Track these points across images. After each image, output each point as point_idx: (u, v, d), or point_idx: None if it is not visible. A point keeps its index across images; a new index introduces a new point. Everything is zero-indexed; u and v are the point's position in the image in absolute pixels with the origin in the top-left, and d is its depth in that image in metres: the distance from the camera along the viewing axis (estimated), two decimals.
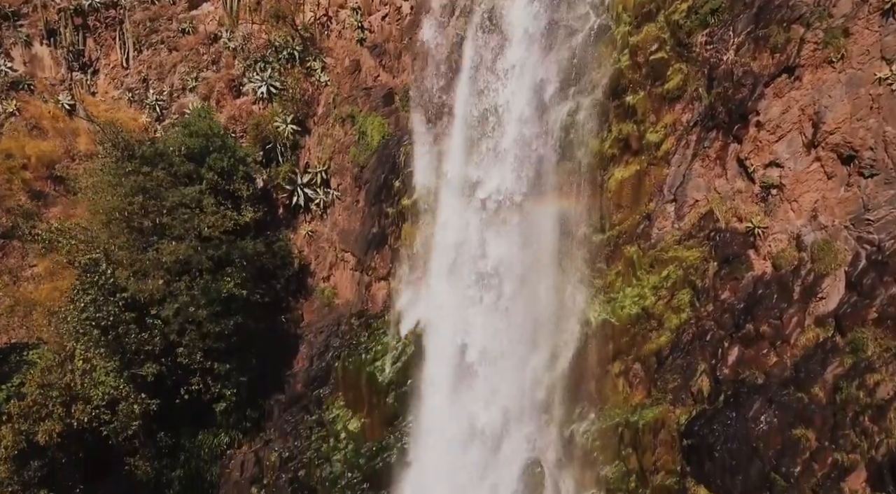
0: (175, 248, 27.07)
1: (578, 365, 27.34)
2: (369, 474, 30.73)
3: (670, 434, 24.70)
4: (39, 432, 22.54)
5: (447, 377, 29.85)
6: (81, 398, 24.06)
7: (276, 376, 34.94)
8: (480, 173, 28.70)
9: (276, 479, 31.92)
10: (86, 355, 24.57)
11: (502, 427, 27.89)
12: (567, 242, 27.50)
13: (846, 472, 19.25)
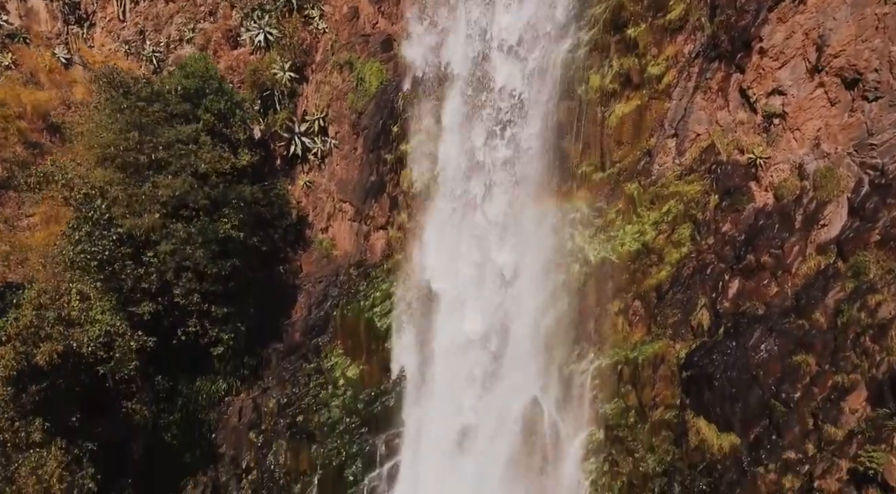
0: (171, 182, 26.80)
1: (578, 305, 27.28)
2: (368, 418, 30.71)
3: (670, 369, 24.60)
4: (39, 354, 22.42)
5: (446, 322, 29.80)
6: (78, 325, 23.92)
7: (274, 325, 34.83)
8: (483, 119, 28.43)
9: (274, 425, 31.88)
10: (82, 288, 24.40)
11: (503, 368, 27.79)
12: (566, 182, 27.30)
13: (846, 392, 19.12)
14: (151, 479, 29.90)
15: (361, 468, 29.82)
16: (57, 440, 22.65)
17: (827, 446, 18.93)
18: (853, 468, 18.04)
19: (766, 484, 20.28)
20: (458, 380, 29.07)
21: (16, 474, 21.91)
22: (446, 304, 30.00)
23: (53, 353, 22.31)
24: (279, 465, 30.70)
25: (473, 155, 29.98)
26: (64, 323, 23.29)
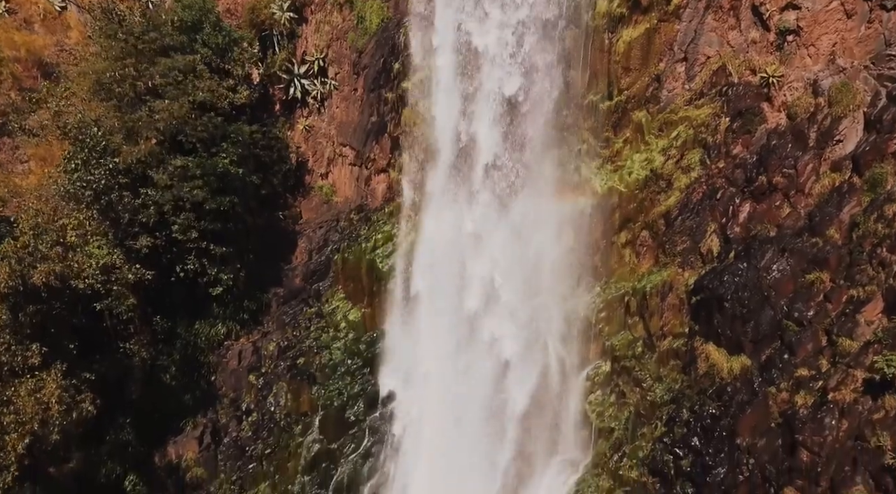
0: (168, 107, 26.07)
1: (583, 239, 26.75)
2: (370, 359, 30.31)
3: (678, 297, 24.12)
4: (35, 274, 21.85)
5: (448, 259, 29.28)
6: (74, 250, 23.31)
7: (274, 270, 34.29)
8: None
9: (275, 367, 31.45)
10: (78, 217, 23.79)
11: (504, 304, 27.29)
12: (573, 112, 26.64)
13: (862, 304, 18.63)
14: (150, 419, 29.51)
15: (363, 408, 29.48)
16: (56, 363, 22.20)
17: (841, 359, 18.47)
18: (869, 378, 17.59)
19: (777, 404, 19.86)
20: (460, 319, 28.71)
21: (14, 396, 21.51)
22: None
23: (50, 274, 21.79)
24: (279, 406, 30.30)
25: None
26: (61, 247, 22.74)
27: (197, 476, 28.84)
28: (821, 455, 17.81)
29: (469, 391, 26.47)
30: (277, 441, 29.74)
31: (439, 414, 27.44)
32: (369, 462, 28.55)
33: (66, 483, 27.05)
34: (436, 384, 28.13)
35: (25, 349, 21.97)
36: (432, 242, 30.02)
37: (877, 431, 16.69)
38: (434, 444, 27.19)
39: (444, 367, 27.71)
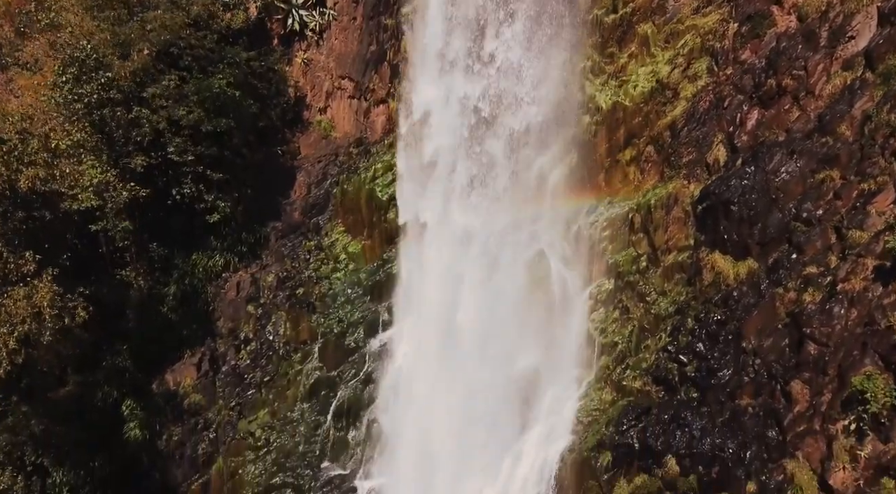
0: (160, 17, 25.48)
1: (587, 159, 26.30)
2: (371, 288, 29.97)
3: (683, 210, 23.69)
4: (22, 178, 21.42)
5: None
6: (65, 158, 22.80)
7: (273, 205, 33.85)
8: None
9: (273, 297, 31.14)
10: (67, 128, 23.26)
11: (505, 224, 26.88)
12: (576, 29, 26.07)
13: (873, 196, 18.21)
14: (148, 348, 29.26)
15: (363, 335, 29.20)
16: (49, 269, 21.79)
17: (851, 250, 18.11)
18: (879, 264, 17.21)
19: (784, 304, 19.49)
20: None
21: (6, 300, 21.13)
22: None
23: (36, 180, 21.33)
24: (278, 335, 30.00)
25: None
26: (50, 153, 22.27)
27: (195, 402, 28.62)
28: (828, 345, 17.49)
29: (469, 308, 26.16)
30: (276, 368, 29.53)
31: (441, 339, 27.12)
32: (370, 387, 28.32)
33: (64, 407, 26.86)
34: (437, 308, 27.79)
35: (19, 257, 21.60)
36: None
37: (887, 313, 16.36)
38: (436, 369, 26.87)
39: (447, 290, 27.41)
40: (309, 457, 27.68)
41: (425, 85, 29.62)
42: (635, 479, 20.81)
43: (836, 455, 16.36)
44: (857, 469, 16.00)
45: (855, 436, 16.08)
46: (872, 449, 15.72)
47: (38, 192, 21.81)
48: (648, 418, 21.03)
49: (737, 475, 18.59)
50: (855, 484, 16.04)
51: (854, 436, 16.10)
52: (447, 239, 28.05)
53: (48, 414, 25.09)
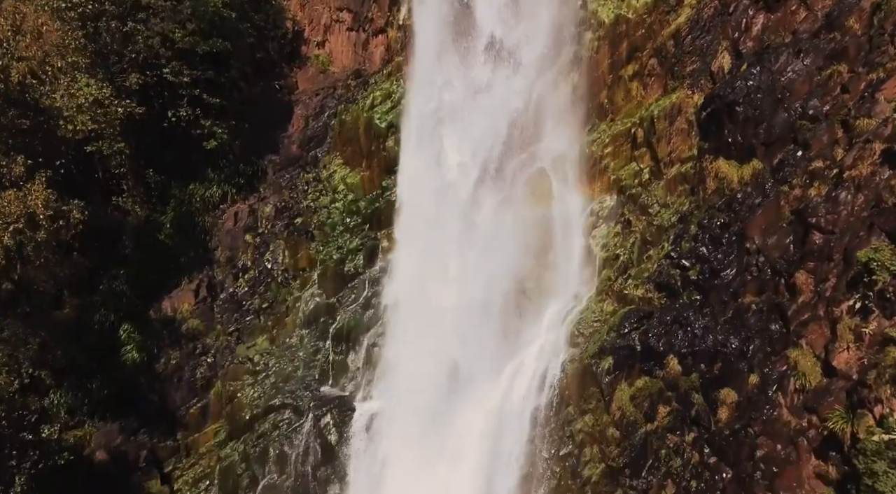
0: None
1: (589, 77, 25.94)
2: (369, 216, 29.68)
3: (686, 120, 23.37)
4: (13, 70, 20.96)
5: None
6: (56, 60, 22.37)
7: (271, 138, 33.39)
8: None
9: (272, 227, 30.84)
10: (64, 47, 22.74)
11: (505, 147, 26.56)
12: None
13: (881, 83, 17.91)
14: (145, 276, 29.01)
15: (362, 262, 28.96)
16: (41, 172, 21.44)
17: (858, 138, 17.84)
18: (887, 148, 16.93)
19: (789, 202, 19.25)
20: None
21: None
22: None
23: (27, 75, 20.91)
24: (277, 263, 29.75)
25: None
26: (39, 49, 21.78)
27: (192, 327, 28.39)
28: (834, 231, 17.27)
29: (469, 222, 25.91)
30: (275, 296, 29.29)
31: (441, 261, 26.88)
32: (369, 312, 28.13)
33: (61, 329, 26.66)
34: (438, 232, 27.54)
35: (11, 161, 21.27)
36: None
37: (895, 192, 16.13)
38: (436, 290, 26.62)
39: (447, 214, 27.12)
40: (308, 380, 27.53)
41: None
42: (636, 382, 20.71)
43: (840, 336, 16.20)
44: (861, 347, 15.85)
45: (860, 315, 15.91)
46: (877, 326, 15.55)
47: (32, 98, 21.38)
48: (650, 321, 20.87)
49: (739, 368, 18.47)
50: (858, 363, 15.90)
51: (859, 316, 15.93)
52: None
53: (46, 331, 24.87)
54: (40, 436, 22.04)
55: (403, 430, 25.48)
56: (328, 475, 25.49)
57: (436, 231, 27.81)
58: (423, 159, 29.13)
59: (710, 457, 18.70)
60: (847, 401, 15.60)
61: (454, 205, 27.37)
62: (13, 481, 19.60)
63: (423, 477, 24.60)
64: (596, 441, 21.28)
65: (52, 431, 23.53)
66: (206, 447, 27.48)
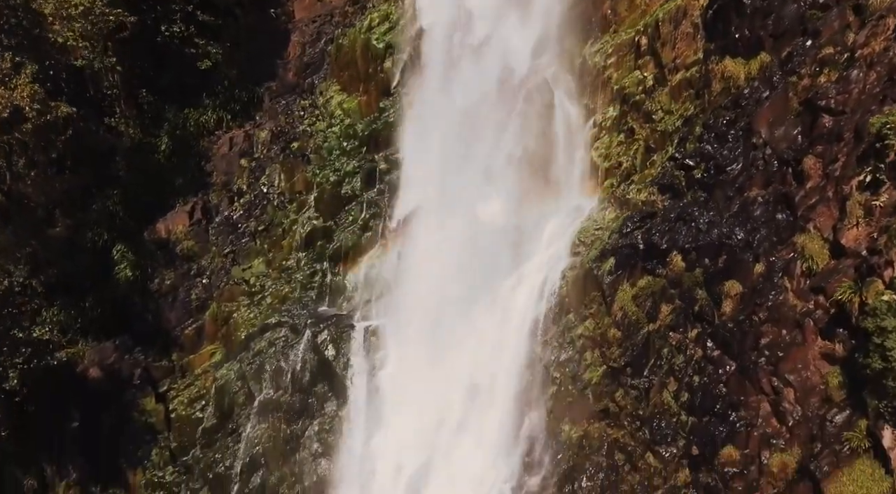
0: None
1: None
2: (367, 139, 29.15)
3: (692, 23, 22.69)
4: None
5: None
6: None
7: (267, 65, 32.71)
8: None
9: (267, 151, 30.31)
10: None
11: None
12: None
13: None
14: (139, 196, 28.56)
15: (360, 184, 28.48)
16: (27, 65, 20.88)
17: (871, 17, 17.29)
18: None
19: (797, 93, 18.62)
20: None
21: None
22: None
23: None
24: (273, 187, 29.26)
25: None
26: None
27: (187, 248, 27.98)
28: (844, 111, 16.77)
29: (472, 138, 25.38)
30: (271, 218, 28.84)
31: (442, 177, 26.37)
32: (367, 234, 27.71)
33: (53, 248, 26.26)
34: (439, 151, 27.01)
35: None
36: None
37: None
38: (437, 206, 26.14)
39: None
40: (305, 301, 27.20)
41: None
42: (639, 281, 20.31)
43: (849, 212, 15.76)
44: (871, 222, 15.42)
45: (870, 190, 15.48)
46: (888, 198, 15.12)
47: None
48: (653, 220, 20.47)
49: (744, 259, 18.05)
50: (868, 238, 15.48)
51: (869, 190, 15.50)
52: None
53: (38, 245, 24.46)
54: (31, 337, 21.77)
55: (403, 346, 25.20)
56: (325, 391, 25.23)
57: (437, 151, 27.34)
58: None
59: (713, 351, 18.36)
60: (855, 275, 15.24)
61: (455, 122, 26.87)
62: (6, 375, 19.32)
63: (423, 393, 24.36)
64: (597, 344, 20.93)
65: (44, 332, 23.23)
66: (201, 368, 27.18)
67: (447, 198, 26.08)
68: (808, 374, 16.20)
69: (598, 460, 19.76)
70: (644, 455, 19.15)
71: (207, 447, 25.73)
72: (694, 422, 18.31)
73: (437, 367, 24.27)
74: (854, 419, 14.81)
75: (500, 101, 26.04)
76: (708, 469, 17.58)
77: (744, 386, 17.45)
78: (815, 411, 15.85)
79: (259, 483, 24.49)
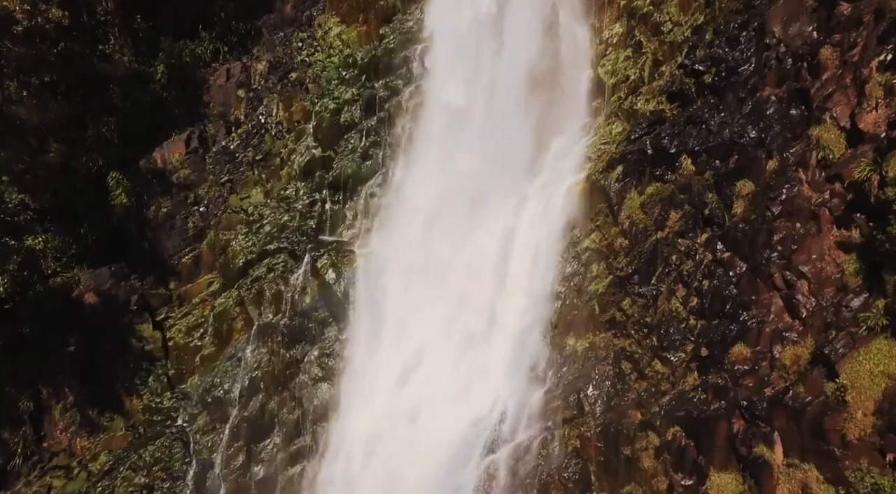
0: None
1: None
2: (366, 67, 28.48)
3: None
4: None
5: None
6: None
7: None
8: None
9: (265, 82, 29.65)
10: None
11: None
12: None
13: None
14: (134, 125, 27.93)
15: (360, 112, 27.88)
16: None
17: None
18: None
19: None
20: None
21: None
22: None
23: None
24: (271, 116, 28.63)
25: None
26: None
27: (184, 176, 27.41)
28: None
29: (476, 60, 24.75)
30: (269, 148, 28.22)
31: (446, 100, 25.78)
32: (367, 162, 27.17)
33: (47, 172, 25.69)
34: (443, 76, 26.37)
35: None
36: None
37: None
38: (441, 129, 25.59)
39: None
40: (305, 229, 26.72)
41: None
42: (647, 189, 19.79)
43: (868, 95, 15.26)
44: (892, 103, 14.95)
45: (891, 69, 14.99)
46: None
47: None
48: (662, 126, 19.97)
49: (757, 157, 17.53)
50: (887, 120, 15.02)
51: (890, 69, 15.00)
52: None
53: (32, 166, 23.90)
54: (23, 245, 21.25)
55: (405, 269, 24.75)
56: (325, 316, 24.83)
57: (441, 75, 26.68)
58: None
59: (723, 254, 17.89)
60: (874, 155, 14.77)
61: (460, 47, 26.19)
62: None
63: (426, 315, 23.97)
64: (603, 256, 20.47)
65: (36, 242, 22.72)
66: (199, 297, 26.74)
67: (451, 120, 25.67)
68: (822, 265, 15.77)
69: (605, 369, 19.38)
70: (651, 362, 18.78)
71: (206, 373, 25.40)
72: (703, 326, 17.90)
73: (440, 288, 23.91)
74: (871, 301, 14.43)
75: (503, 23, 25.58)
76: (717, 369, 17.20)
77: (755, 284, 17.03)
78: (829, 300, 15.43)
79: (258, 407, 24.21)
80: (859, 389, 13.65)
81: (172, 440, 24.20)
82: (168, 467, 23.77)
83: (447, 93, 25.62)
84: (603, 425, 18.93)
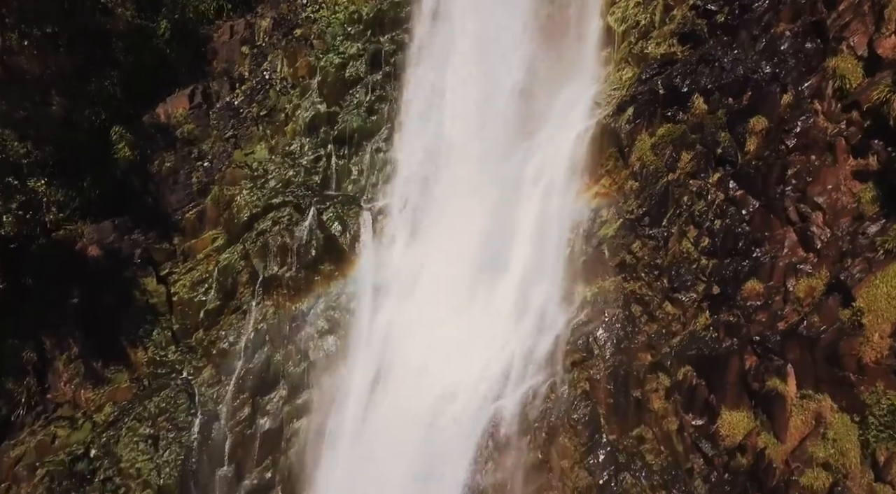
0: None
1: None
2: (372, 22, 28.09)
3: None
4: None
5: None
6: None
7: None
8: None
9: (269, 39, 29.31)
10: None
11: None
12: None
13: None
14: (137, 81, 27.67)
15: (365, 67, 27.57)
16: None
17: None
18: None
19: None
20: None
21: None
22: None
23: None
24: (275, 72, 28.29)
25: None
26: None
27: (188, 131, 27.12)
28: None
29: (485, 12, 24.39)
30: (274, 104, 27.88)
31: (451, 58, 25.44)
32: (373, 117, 26.88)
33: (49, 124, 25.43)
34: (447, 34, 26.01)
35: None
36: None
37: None
38: (447, 86, 25.25)
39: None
40: (310, 184, 26.50)
41: None
42: (658, 130, 19.50)
43: (887, 19, 14.99)
44: None
45: None
46: None
47: None
48: (674, 66, 19.67)
49: (771, 91, 17.25)
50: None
51: None
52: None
53: (33, 118, 23.64)
54: (26, 186, 21.06)
55: (411, 223, 24.56)
56: (332, 270, 24.66)
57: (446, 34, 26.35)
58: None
59: (736, 192, 17.61)
60: (894, 77, 14.49)
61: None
62: (1, 221, 18.58)
63: (433, 266, 23.79)
64: (613, 201, 20.24)
65: (39, 184, 22.53)
66: (203, 253, 26.55)
67: (458, 73, 25.37)
68: (838, 196, 15.52)
69: (614, 312, 19.16)
70: (662, 304, 18.56)
71: (211, 328, 25.24)
72: (715, 264, 17.67)
73: (446, 241, 23.71)
74: (888, 226, 14.20)
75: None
76: (729, 307, 16.96)
77: (768, 220, 16.77)
78: (845, 230, 15.19)
79: (263, 359, 24.08)
80: (876, 312, 13.43)
81: (178, 391, 24.08)
82: (173, 418, 23.67)
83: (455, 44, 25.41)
84: (613, 367, 18.76)
